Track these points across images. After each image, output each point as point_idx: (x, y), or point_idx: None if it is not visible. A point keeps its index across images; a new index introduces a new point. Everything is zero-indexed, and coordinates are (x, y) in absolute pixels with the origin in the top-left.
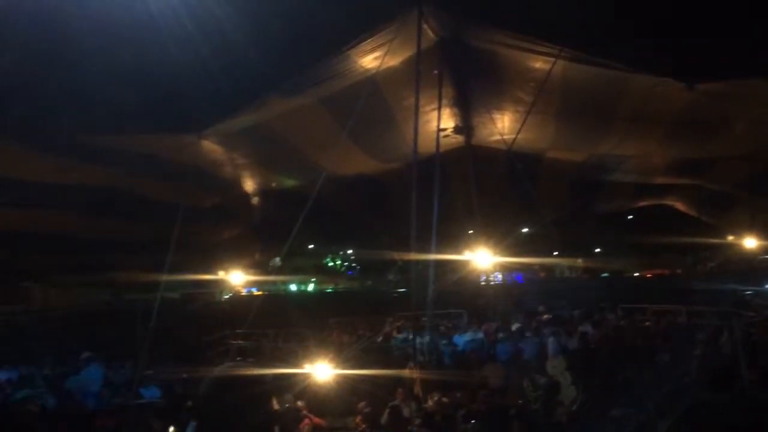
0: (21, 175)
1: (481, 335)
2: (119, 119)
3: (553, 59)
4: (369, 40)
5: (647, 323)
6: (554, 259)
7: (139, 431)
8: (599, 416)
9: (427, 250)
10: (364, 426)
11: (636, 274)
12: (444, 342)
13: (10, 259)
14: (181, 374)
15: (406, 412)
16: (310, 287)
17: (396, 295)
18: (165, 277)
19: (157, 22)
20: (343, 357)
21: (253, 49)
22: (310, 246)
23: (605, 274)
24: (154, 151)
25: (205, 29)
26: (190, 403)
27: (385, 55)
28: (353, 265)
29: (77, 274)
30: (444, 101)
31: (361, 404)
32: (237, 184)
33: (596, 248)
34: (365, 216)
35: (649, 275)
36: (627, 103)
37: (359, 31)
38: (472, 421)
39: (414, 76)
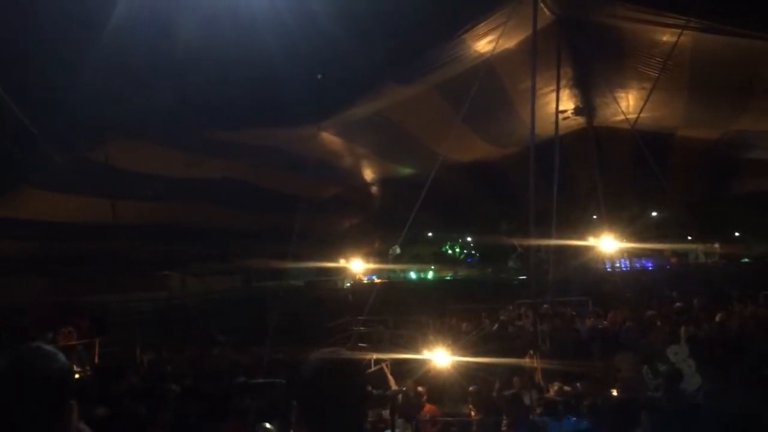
0: (157, 170)
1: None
2: (243, 115)
3: (679, 31)
4: (483, 23)
5: None
6: (687, 244)
7: (267, 410)
8: (730, 407)
9: (548, 236)
10: (475, 412)
11: None
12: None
13: (152, 249)
14: (305, 358)
15: (526, 400)
16: (429, 275)
17: (516, 282)
18: (290, 266)
19: (276, 17)
20: (462, 344)
21: (368, 39)
22: (429, 234)
23: (746, 260)
24: (277, 144)
25: (321, 21)
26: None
27: (500, 37)
28: (472, 252)
29: (211, 262)
30: (563, 82)
31: (472, 388)
32: (355, 174)
33: (735, 232)
34: (483, 202)
35: None
36: (766, 74)
37: (473, 14)
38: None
39: (530, 57)
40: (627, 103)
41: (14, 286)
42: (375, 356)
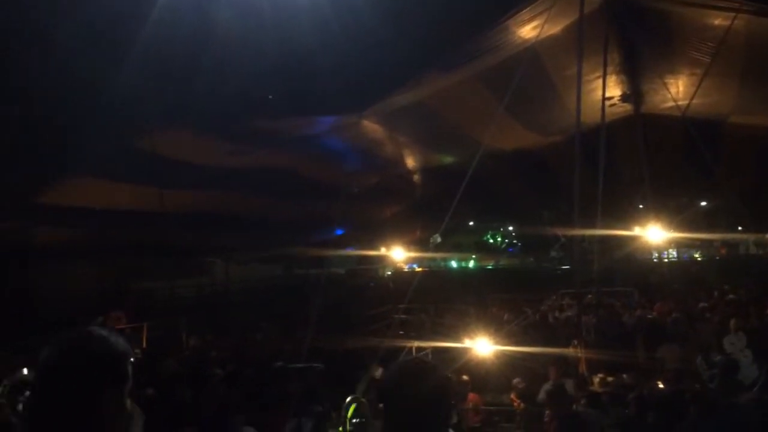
0: (202, 160)
1: None
2: (285, 104)
3: (733, 14)
4: (527, 9)
5: None
6: (739, 235)
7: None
8: None
9: (593, 226)
10: (518, 402)
11: None
12: None
13: (196, 237)
14: (348, 345)
15: (570, 390)
16: (470, 264)
17: (559, 272)
18: (331, 254)
19: (317, 5)
20: (504, 334)
21: (410, 25)
22: (470, 223)
23: None
24: (319, 133)
25: (362, 8)
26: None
27: (545, 23)
28: (514, 241)
29: (254, 250)
30: (610, 68)
31: (516, 380)
32: (397, 162)
33: None
34: (525, 192)
35: None
36: None
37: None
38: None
39: (576, 43)
40: (677, 90)
41: (65, 273)
42: (416, 344)
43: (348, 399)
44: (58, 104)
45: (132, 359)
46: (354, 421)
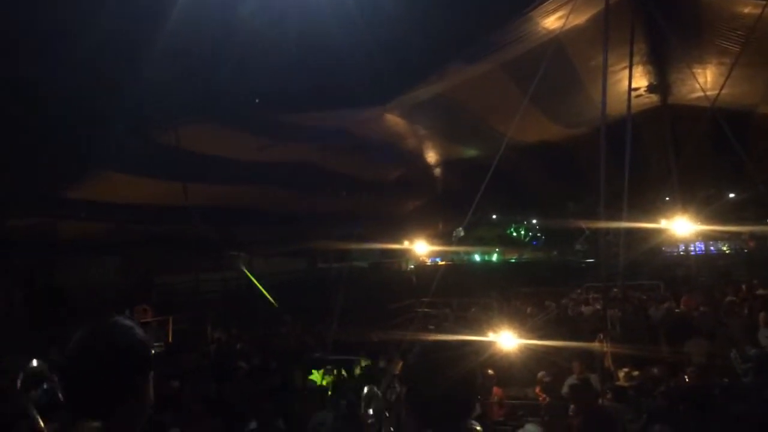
0: (226, 154)
1: None
2: (309, 97)
3: (763, 2)
4: (552, 0)
5: None
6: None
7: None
8: None
9: (618, 219)
10: (543, 396)
11: None
12: None
13: (221, 230)
14: (372, 338)
15: (595, 384)
16: (494, 257)
17: (583, 265)
18: (354, 247)
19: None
20: (528, 327)
21: (434, 17)
22: (493, 216)
23: None
24: (342, 126)
25: (387, 1)
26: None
27: (570, 13)
28: (537, 234)
29: (277, 244)
30: (636, 58)
31: (541, 374)
32: (420, 155)
33: None
34: (549, 184)
35: None
36: None
37: None
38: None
39: (602, 33)
40: (705, 80)
41: (92, 266)
42: (440, 338)
43: (365, 391)
44: (85, 101)
45: (153, 350)
46: (370, 412)
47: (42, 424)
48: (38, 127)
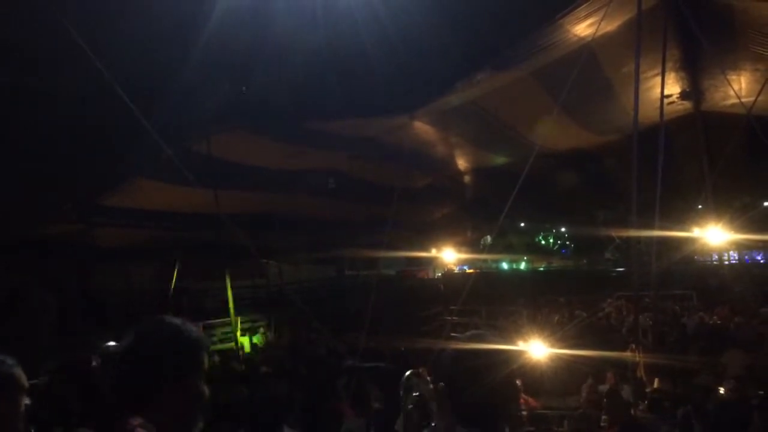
0: (256, 162)
1: None
2: (338, 105)
3: None
4: (584, 6)
5: None
6: None
7: (364, 392)
8: None
9: (650, 227)
10: (585, 408)
11: None
12: None
13: (252, 238)
14: (401, 346)
15: (625, 395)
16: (522, 266)
17: (614, 274)
18: (382, 255)
19: (369, 6)
20: (557, 336)
21: (464, 24)
22: (522, 224)
23: None
24: (371, 134)
25: (414, 8)
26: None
27: (602, 20)
28: (567, 243)
29: (306, 252)
30: (669, 65)
31: (589, 382)
32: (448, 163)
33: None
34: (579, 192)
35: None
36: None
37: None
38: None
39: (634, 38)
40: (740, 86)
41: (125, 273)
42: (468, 346)
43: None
44: (118, 109)
45: (207, 348)
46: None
47: None
48: (75, 135)
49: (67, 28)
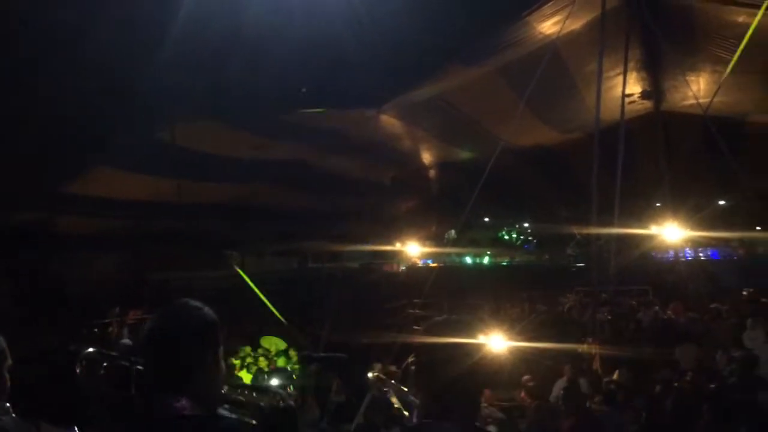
0: (220, 151)
1: None
2: (306, 97)
3: (756, 11)
4: (549, 4)
5: None
6: (758, 234)
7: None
8: None
9: (610, 224)
10: (529, 400)
11: None
12: None
13: (214, 229)
14: (365, 338)
15: (583, 388)
16: (485, 260)
17: (574, 269)
18: (346, 248)
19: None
20: (518, 330)
21: (431, 19)
22: (486, 219)
23: None
24: (337, 127)
25: (384, 1)
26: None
27: (567, 18)
28: (529, 238)
29: (269, 243)
30: (630, 65)
31: (525, 378)
32: (414, 157)
33: None
34: (542, 188)
35: None
36: None
37: None
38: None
39: (597, 39)
40: (698, 87)
41: (86, 263)
42: (430, 340)
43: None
44: (82, 97)
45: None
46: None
47: None
48: (34, 123)
49: (28, 11)
